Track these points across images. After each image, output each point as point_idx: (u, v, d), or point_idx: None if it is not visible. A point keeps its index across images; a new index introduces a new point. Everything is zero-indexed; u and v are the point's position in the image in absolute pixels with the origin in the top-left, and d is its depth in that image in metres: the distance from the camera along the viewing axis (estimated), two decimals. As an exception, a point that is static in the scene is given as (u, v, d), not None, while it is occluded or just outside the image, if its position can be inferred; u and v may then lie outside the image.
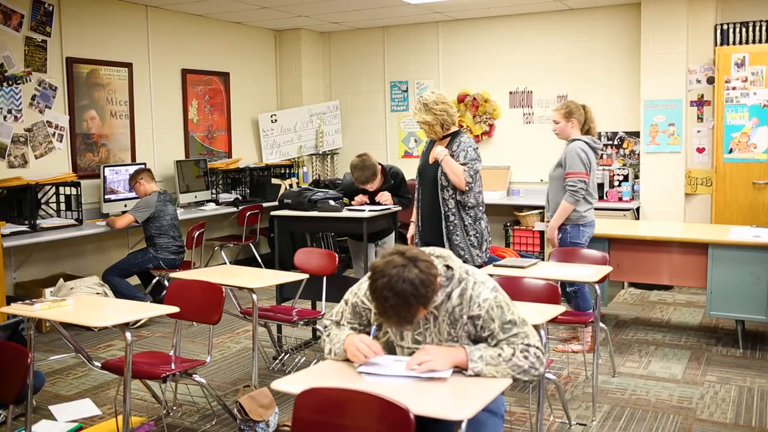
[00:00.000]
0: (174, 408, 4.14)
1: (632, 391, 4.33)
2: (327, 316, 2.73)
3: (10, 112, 5.86)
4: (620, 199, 7.18)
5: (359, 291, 2.63)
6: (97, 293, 5.83)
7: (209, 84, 7.86)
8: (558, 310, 3.22)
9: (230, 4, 6.99)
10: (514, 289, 3.69)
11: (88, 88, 6.50)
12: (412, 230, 4.86)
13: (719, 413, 4.00)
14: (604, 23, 7.42)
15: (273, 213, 5.44)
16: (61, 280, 5.87)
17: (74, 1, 6.33)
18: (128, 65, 6.85)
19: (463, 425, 2.09)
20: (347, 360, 2.49)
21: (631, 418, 3.94)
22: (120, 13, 6.77)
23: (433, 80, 8.38)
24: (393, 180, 5.54)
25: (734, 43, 6.75)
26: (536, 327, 3.08)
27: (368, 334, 2.53)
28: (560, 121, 4.97)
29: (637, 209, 7.11)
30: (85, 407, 4.22)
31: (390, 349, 2.57)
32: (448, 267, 2.51)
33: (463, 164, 4.41)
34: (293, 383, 2.25)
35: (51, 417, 4.06)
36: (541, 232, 7.17)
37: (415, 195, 4.79)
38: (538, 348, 2.45)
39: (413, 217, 4.83)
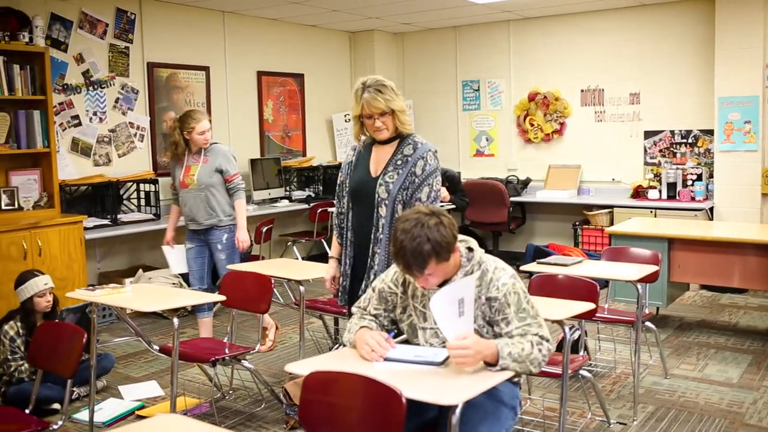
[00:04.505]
0: (229, 392, 4.39)
1: (681, 393, 4.27)
2: (356, 303, 2.84)
3: (95, 114, 6.30)
4: (693, 199, 6.98)
5: (386, 277, 2.75)
6: (173, 284, 6.20)
7: (284, 85, 8.15)
8: (586, 306, 3.24)
9: (303, 8, 7.23)
10: (552, 286, 3.73)
11: (167, 90, 6.90)
12: (333, 270, 3.44)
13: (769, 419, 3.90)
14: (677, 18, 7.24)
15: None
16: (140, 270, 6.27)
17: (155, 9, 6.73)
18: (206, 68, 7.21)
19: (458, 410, 2.17)
20: None
21: (674, 420, 3.89)
22: (198, 19, 7.13)
23: (504, 79, 8.38)
24: (448, 182, 5.61)
25: (815, 37, 6.46)
26: (560, 323, 3.14)
27: (388, 331, 2.65)
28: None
29: (711, 209, 6.90)
30: (151, 388, 4.55)
31: (413, 331, 2.66)
32: (469, 249, 2.61)
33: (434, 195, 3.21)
34: (304, 366, 2.40)
35: (119, 396, 4.40)
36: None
37: (338, 221, 3.43)
38: (549, 342, 2.51)
39: (333, 252, 3.47)
